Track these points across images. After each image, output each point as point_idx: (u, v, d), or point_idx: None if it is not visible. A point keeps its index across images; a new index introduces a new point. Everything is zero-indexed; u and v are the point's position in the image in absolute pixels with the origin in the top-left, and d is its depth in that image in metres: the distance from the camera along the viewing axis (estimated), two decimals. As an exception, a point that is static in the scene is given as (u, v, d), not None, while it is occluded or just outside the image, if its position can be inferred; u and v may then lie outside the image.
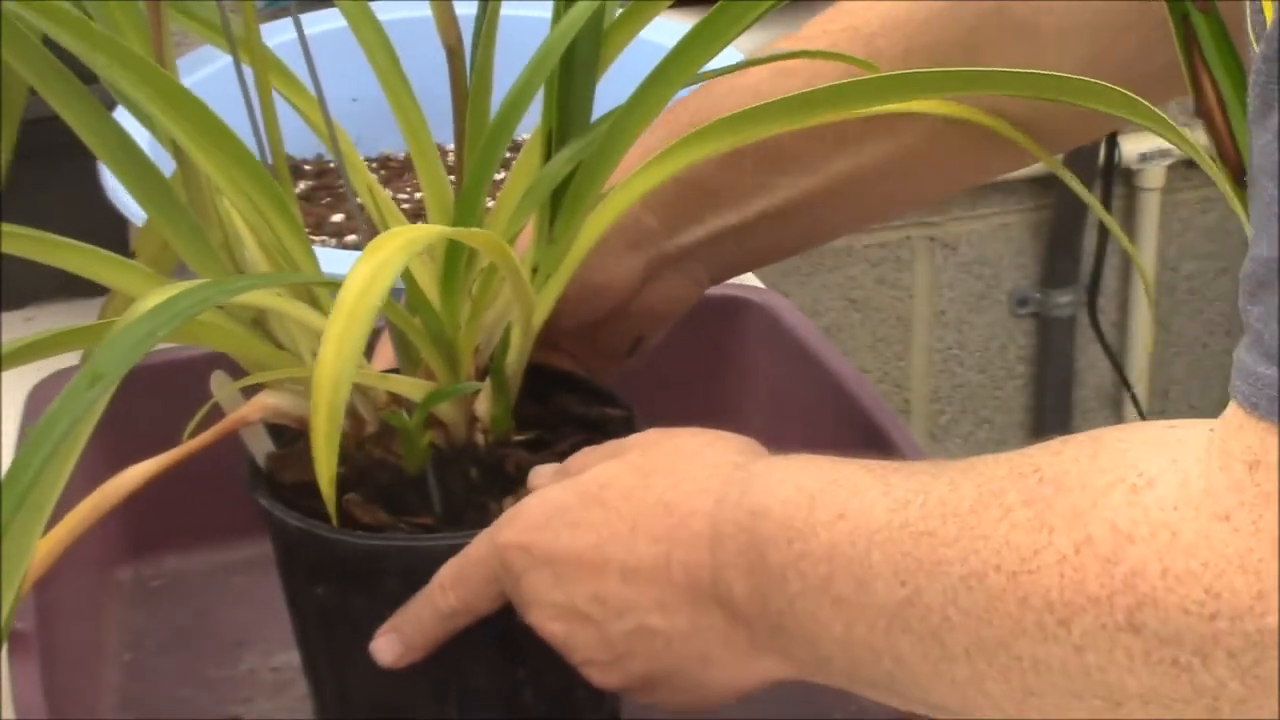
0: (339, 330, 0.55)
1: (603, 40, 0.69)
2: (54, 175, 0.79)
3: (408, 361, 0.70)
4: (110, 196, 0.94)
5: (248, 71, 0.68)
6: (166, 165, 0.68)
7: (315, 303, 0.68)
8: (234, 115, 0.66)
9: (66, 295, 1.16)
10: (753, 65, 0.75)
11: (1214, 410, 1.84)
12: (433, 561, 0.68)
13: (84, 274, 0.66)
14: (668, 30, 1.12)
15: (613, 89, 0.71)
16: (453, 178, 0.72)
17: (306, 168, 1.17)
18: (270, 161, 0.67)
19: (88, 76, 0.65)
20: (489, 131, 0.68)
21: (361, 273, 0.56)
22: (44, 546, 0.67)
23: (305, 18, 1.12)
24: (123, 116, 0.68)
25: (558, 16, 0.68)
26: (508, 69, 0.69)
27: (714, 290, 0.95)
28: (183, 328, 0.66)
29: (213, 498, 0.86)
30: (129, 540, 0.91)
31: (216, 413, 0.70)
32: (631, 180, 0.69)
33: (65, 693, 0.75)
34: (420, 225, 0.64)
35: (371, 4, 0.74)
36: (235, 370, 0.71)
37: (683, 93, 0.71)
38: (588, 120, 0.69)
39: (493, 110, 0.69)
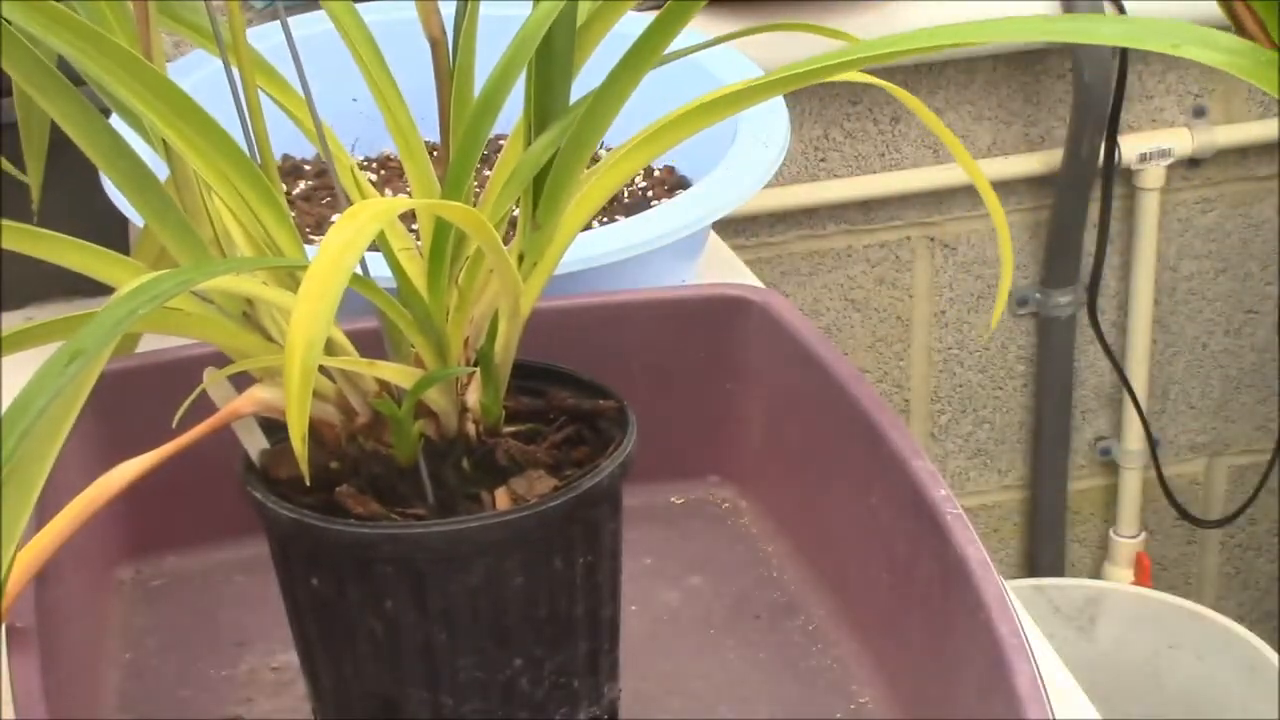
0: (314, 290, 0.55)
1: (581, 31, 0.70)
2: (54, 173, 0.79)
3: (397, 352, 0.70)
4: (110, 196, 0.94)
5: (237, 73, 0.68)
6: (160, 171, 0.68)
7: (301, 291, 0.68)
8: (228, 119, 0.66)
9: (67, 295, 1.16)
10: (726, 40, 0.75)
11: (1213, 410, 1.85)
12: (425, 549, 0.68)
13: (84, 271, 0.67)
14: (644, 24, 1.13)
15: (594, 83, 0.71)
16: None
17: (306, 168, 1.17)
18: (258, 159, 0.67)
19: (78, 82, 0.65)
20: (472, 113, 0.68)
21: (338, 236, 0.56)
22: (42, 540, 0.67)
23: (308, 18, 1.13)
24: (117, 124, 0.68)
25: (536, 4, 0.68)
26: (492, 65, 0.69)
27: (714, 290, 0.95)
28: (172, 319, 0.67)
29: (213, 497, 0.86)
30: (129, 540, 0.91)
31: (209, 408, 0.70)
32: (619, 161, 0.69)
33: (65, 692, 0.75)
34: (399, 197, 0.65)
35: (360, 5, 0.75)
36: (232, 370, 0.71)
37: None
38: (566, 108, 0.70)
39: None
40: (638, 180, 1.14)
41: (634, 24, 0.71)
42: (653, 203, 1.11)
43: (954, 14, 1.64)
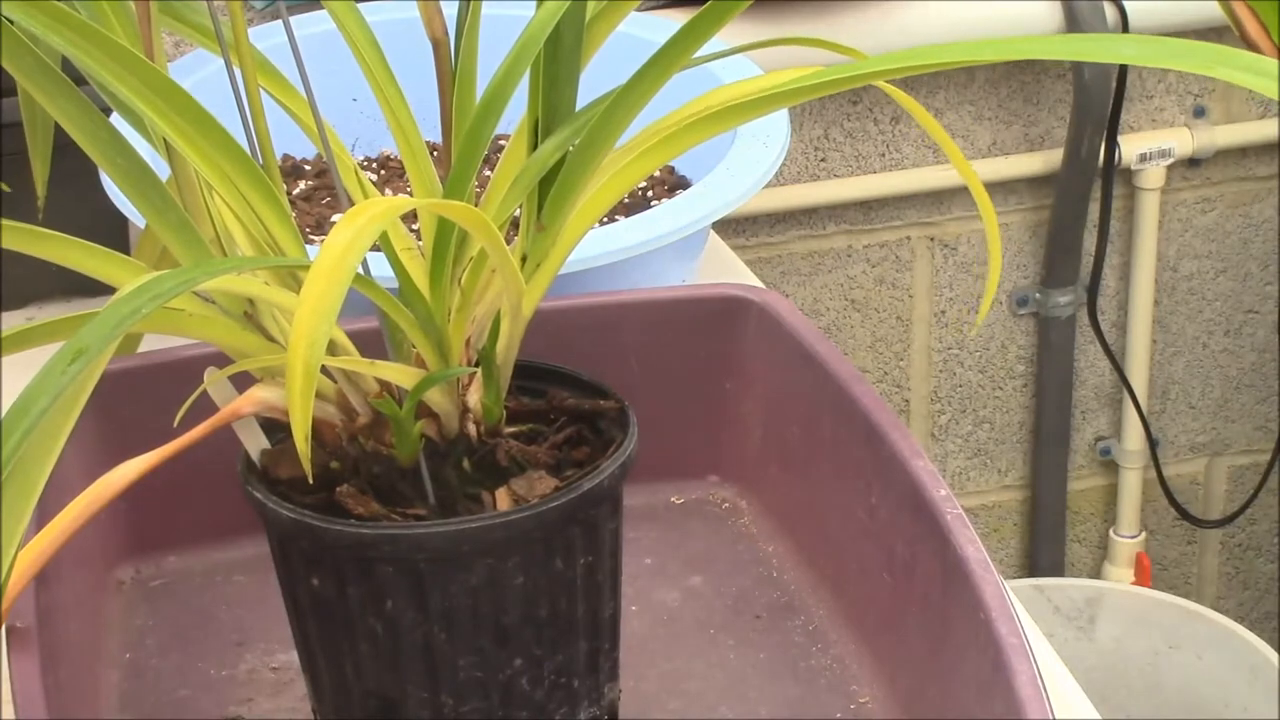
0: (316, 289, 0.55)
1: (585, 29, 0.69)
2: (55, 173, 0.79)
3: (398, 352, 0.70)
4: (110, 196, 0.94)
5: (239, 72, 0.68)
6: (161, 170, 0.68)
7: (302, 291, 0.68)
8: (228, 118, 0.66)
9: (67, 295, 1.17)
10: (739, 52, 0.75)
11: (1213, 410, 1.85)
12: (425, 549, 0.68)
13: (84, 270, 0.67)
14: (651, 26, 1.13)
15: (595, 83, 0.71)
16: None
17: (307, 167, 1.17)
18: (260, 159, 0.67)
19: (80, 81, 0.65)
20: (475, 115, 0.68)
21: (341, 235, 0.56)
22: (42, 540, 0.67)
23: (308, 18, 1.13)
24: (118, 123, 0.68)
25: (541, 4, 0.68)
26: (494, 66, 0.69)
27: (714, 290, 0.95)
28: (173, 319, 0.67)
29: (213, 497, 0.86)
30: (129, 540, 0.91)
31: (210, 408, 0.70)
32: (625, 167, 0.69)
33: (65, 692, 0.75)
34: (402, 196, 0.64)
35: (362, 5, 0.75)
36: (233, 369, 0.71)
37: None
38: (573, 109, 0.70)
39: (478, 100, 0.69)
40: (638, 180, 1.14)
41: (635, 24, 0.72)
42: (653, 203, 1.11)
43: (953, 13, 1.64)
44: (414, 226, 0.91)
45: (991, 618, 0.72)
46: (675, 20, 0.83)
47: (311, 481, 0.64)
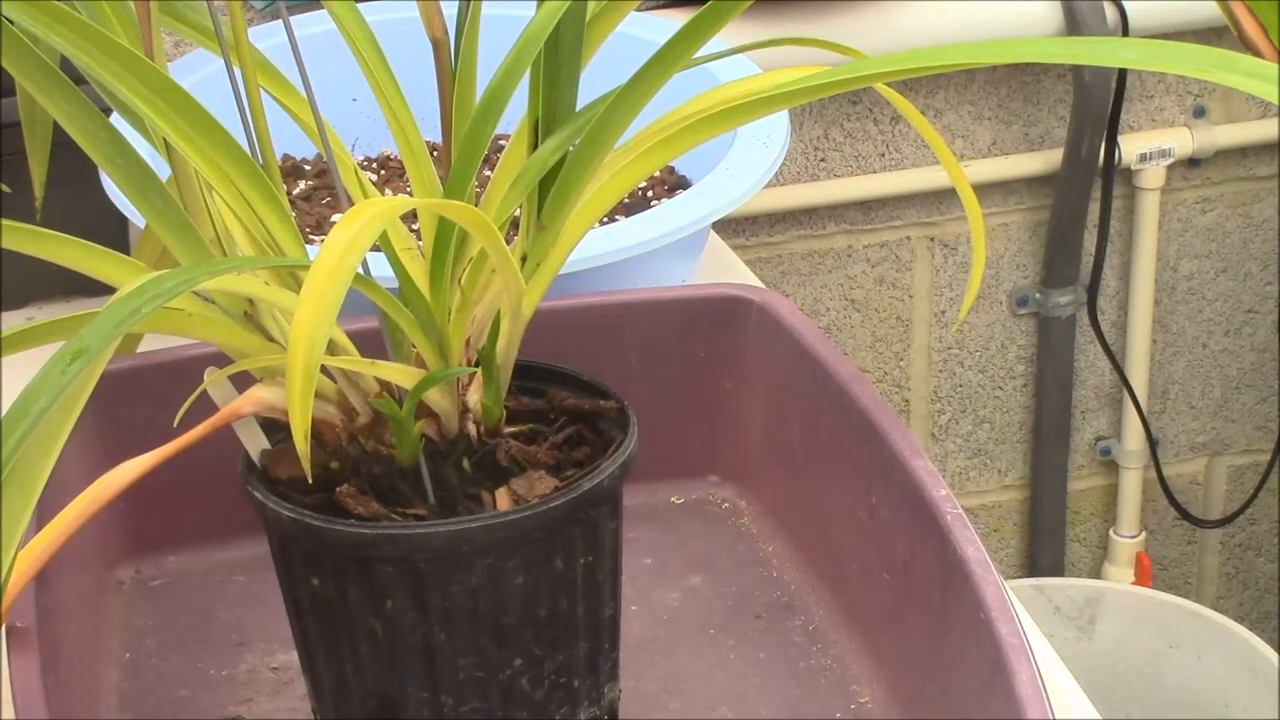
0: (316, 289, 0.55)
1: (586, 29, 0.70)
2: (53, 173, 0.79)
3: (398, 352, 0.70)
4: (110, 195, 0.94)
5: (239, 72, 0.68)
6: (161, 170, 0.68)
7: (302, 290, 0.69)
8: (228, 118, 0.66)
9: (67, 295, 1.17)
10: (739, 52, 0.75)
11: (1213, 410, 1.84)
12: (425, 549, 0.68)
13: (84, 270, 0.67)
14: (651, 26, 1.13)
15: (595, 83, 0.71)
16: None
17: (307, 167, 1.17)
18: (260, 159, 0.67)
19: (79, 81, 0.65)
20: (475, 115, 0.68)
21: (341, 235, 0.56)
22: (42, 540, 0.67)
23: (308, 18, 1.13)
24: (118, 123, 0.68)
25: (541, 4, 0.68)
26: (494, 66, 0.69)
27: (714, 290, 0.95)
28: (173, 319, 0.67)
29: (213, 497, 0.86)
30: (129, 540, 0.91)
31: (210, 408, 0.70)
32: (626, 167, 0.69)
33: (65, 692, 0.75)
34: (402, 196, 0.65)
35: (362, 5, 0.75)
36: (233, 369, 0.71)
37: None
38: (573, 109, 0.70)
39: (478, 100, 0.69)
40: (637, 180, 1.13)
41: (635, 24, 0.72)
42: (653, 203, 1.11)
43: (953, 13, 1.64)
44: (414, 226, 0.91)
45: (991, 618, 0.72)
46: (675, 20, 0.83)
47: (311, 481, 0.64)
